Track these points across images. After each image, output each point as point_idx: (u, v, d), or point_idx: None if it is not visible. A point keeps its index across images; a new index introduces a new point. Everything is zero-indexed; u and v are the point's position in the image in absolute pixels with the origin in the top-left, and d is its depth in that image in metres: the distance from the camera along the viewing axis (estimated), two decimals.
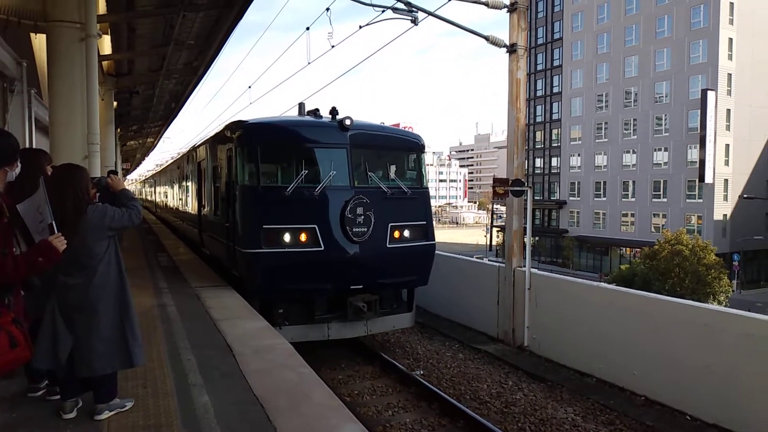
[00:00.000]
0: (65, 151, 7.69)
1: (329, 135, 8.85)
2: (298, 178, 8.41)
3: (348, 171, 8.72)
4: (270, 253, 8.16)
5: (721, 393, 7.17)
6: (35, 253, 3.24)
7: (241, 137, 8.96)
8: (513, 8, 11.58)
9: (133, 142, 42.81)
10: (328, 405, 4.51)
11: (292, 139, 8.93)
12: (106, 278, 3.92)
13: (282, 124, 9.44)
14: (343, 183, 8.63)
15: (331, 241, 8.34)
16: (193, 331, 6.65)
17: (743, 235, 47.95)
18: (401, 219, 9.11)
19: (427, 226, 9.54)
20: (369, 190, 8.73)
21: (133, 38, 14.72)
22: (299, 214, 8.35)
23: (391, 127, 10.09)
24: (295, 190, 8.30)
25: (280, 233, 8.19)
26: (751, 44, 49.34)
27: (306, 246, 8.25)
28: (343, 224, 8.35)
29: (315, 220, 8.33)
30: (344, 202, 8.42)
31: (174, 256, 13.87)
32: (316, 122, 9.16)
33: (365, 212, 8.48)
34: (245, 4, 11.95)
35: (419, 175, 9.89)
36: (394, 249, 8.94)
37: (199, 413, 4.26)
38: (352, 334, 9.15)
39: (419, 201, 9.56)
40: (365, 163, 9.02)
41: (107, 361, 3.92)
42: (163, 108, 27.14)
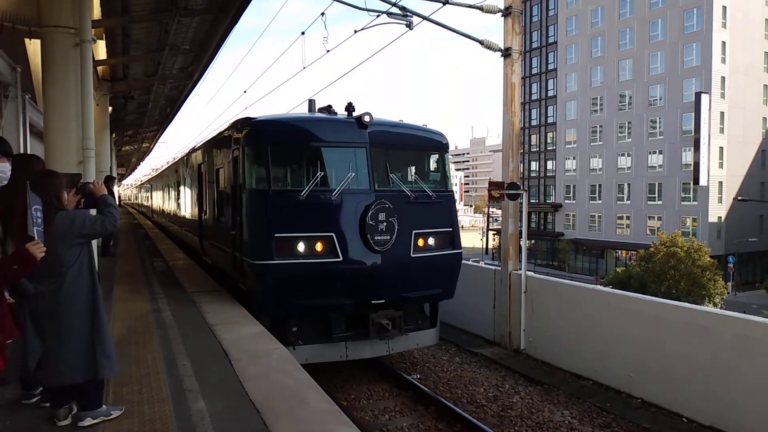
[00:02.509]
0: (60, 157, 7.66)
1: (347, 133, 8.02)
2: (312, 181, 7.61)
3: (368, 172, 7.91)
4: (282, 264, 7.36)
5: (717, 395, 7.18)
6: (11, 260, 3.20)
7: (249, 136, 8.10)
8: (507, 12, 11.63)
9: (128, 147, 42.70)
10: (324, 409, 4.50)
11: (306, 137, 8.03)
12: (76, 287, 3.84)
13: (294, 120, 8.48)
14: (363, 186, 7.85)
15: (350, 251, 7.57)
16: (189, 336, 6.63)
17: (738, 237, 48.13)
18: (426, 225, 8.33)
19: (453, 233, 8.73)
20: (391, 194, 7.94)
21: (128, 43, 14.68)
22: (314, 221, 7.59)
23: (411, 124, 9.24)
24: (310, 194, 7.52)
25: (294, 242, 7.42)
26: (744, 47, 49.65)
27: (322, 256, 7.47)
28: (363, 232, 7.59)
29: (332, 227, 7.58)
30: (364, 207, 7.67)
31: (170, 261, 13.83)
32: (331, 119, 8.35)
33: (388, 218, 7.70)
34: (240, 8, 11.95)
35: (444, 176, 9.08)
36: (418, 259, 8.14)
37: (195, 419, 4.25)
38: (373, 354, 8.36)
39: (444, 205, 8.76)
40: (386, 163, 8.18)
41: (75, 371, 3.85)
42: (158, 113, 27.08)
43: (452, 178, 9.41)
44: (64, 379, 3.85)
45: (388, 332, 7.93)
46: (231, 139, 8.95)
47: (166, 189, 21.68)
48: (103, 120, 17.28)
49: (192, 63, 17.97)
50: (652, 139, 53.22)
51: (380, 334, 7.94)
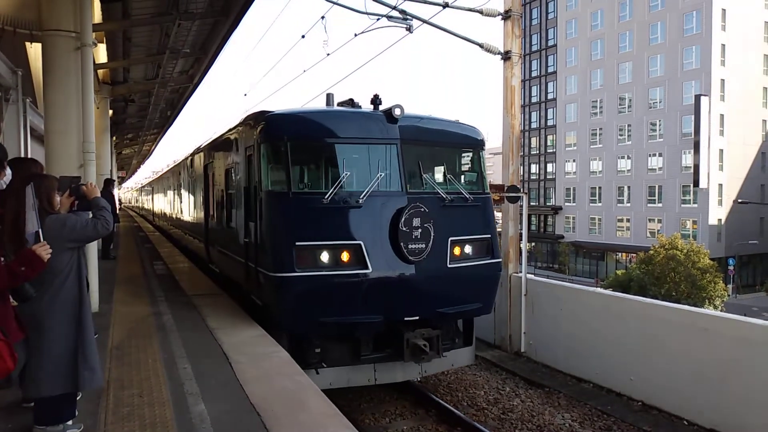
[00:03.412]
0: (61, 160, 7.66)
1: (375, 127, 7.24)
2: (338, 182, 6.82)
3: (399, 172, 7.13)
4: (304, 277, 6.55)
5: (718, 398, 7.18)
6: (18, 262, 3.19)
7: (266, 131, 7.28)
8: (507, 16, 11.65)
9: (129, 150, 42.74)
10: (324, 412, 4.50)
11: (329, 132, 7.20)
12: (62, 294, 3.71)
13: (316, 114, 7.67)
14: (394, 187, 7.08)
15: (380, 262, 6.79)
16: (189, 339, 6.64)
17: (738, 240, 48.12)
18: (462, 232, 7.53)
19: (492, 240, 7.93)
20: (425, 197, 7.16)
21: (129, 47, 14.71)
22: (340, 227, 6.82)
23: (443, 118, 8.40)
24: (335, 196, 6.74)
25: (317, 252, 6.64)
26: (743, 50, 49.71)
27: (349, 268, 6.69)
28: (395, 240, 6.79)
29: (360, 234, 6.79)
30: (396, 211, 6.89)
31: (170, 264, 13.83)
32: (357, 112, 7.62)
33: (423, 224, 6.91)
34: (241, 12, 11.97)
35: (480, 177, 8.21)
36: (455, 270, 7.31)
37: (196, 422, 4.25)
38: (404, 378, 7.58)
39: (482, 209, 7.93)
40: (419, 162, 7.39)
41: (56, 382, 3.70)
42: (158, 116, 27.11)
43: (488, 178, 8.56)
44: (42, 391, 3.70)
45: (426, 354, 7.00)
46: (244, 135, 8.21)
47: (168, 191, 20.84)
48: (103, 123, 17.29)
49: (192, 66, 18.01)
50: (651, 141, 53.25)
51: (416, 356, 7.04)
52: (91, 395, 4.69)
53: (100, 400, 4.65)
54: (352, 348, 7.18)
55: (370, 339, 7.21)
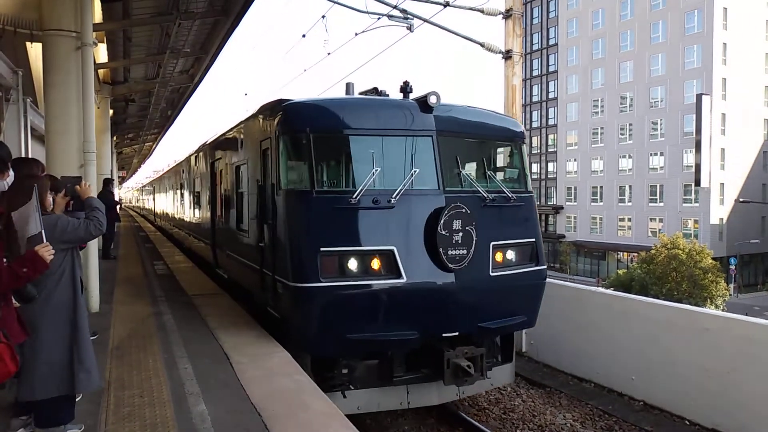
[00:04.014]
0: (61, 160, 7.65)
1: (408, 118, 6.48)
2: (367, 179, 6.01)
3: (436, 168, 6.35)
4: (329, 288, 5.78)
5: (719, 397, 7.16)
6: (21, 263, 3.18)
7: (285, 122, 6.49)
8: (508, 15, 11.64)
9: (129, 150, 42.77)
10: (325, 412, 4.50)
11: (357, 123, 6.39)
12: (56, 296, 3.67)
13: (341, 103, 6.80)
14: (429, 185, 6.31)
15: (416, 270, 6.02)
16: (190, 339, 6.63)
17: (740, 239, 48.07)
18: (505, 235, 6.76)
19: (537, 245, 7.17)
20: (464, 196, 6.40)
21: (129, 46, 14.72)
22: (370, 231, 6.06)
23: (479, 108, 7.64)
24: (365, 195, 5.95)
25: (344, 259, 5.88)
26: (744, 49, 49.65)
27: (380, 277, 5.93)
28: (433, 245, 6.01)
29: (393, 239, 6.01)
30: (433, 212, 6.13)
31: (171, 264, 13.83)
32: (387, 101, 6.89)
33: (464, 227, 6.13)
34: (241, 11, 11.97)
35: (522, 173, 7.46)
36: (498, 279, 6.57)
37: (196, 422, 4.25)
38: (440, 401, 6.82)
39: (525, 210, 7.12)
40: (456, 156, 6.64)
41: (50, 385, 3.66)
42: (159, 116, 27.13)
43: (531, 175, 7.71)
44: (36, 394, 3.65)
45: (470, 376, 6.20)
46: (258, 128, 7.45)
47: (171, 190, 20.02)
48: (104, 123, 17.30)
49: (193, 66, 18.02)
50: (653, 140, 53.21)
51: (458, 379, 6.23)
52: (92, 395, 4.68)
53: (101, 400, 4.65)
54: (384, 367, 6.39)
55: (404, 357, 6.47)
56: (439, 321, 6.24)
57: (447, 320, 6.27)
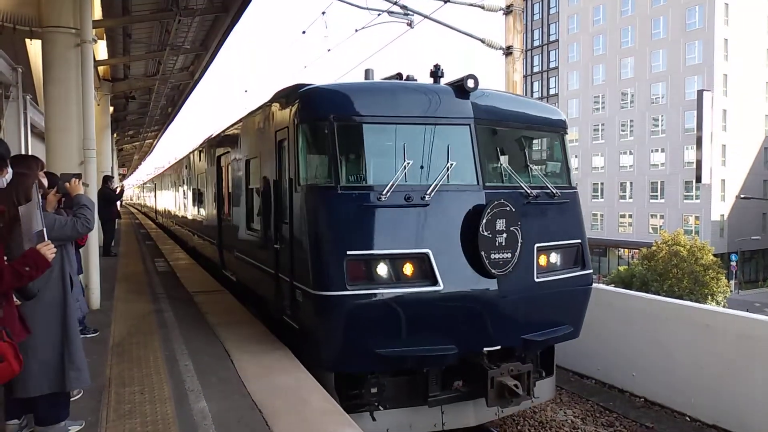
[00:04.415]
0: (61, 157, 7.65)
1: (442, 104, 5.81)
2: (398, 173, 5.39)
3: (474, 161, 5.70)
4: (358, 296, 5.15)
5: (720, 394, 7.16)
6: (23, 262, 3.18)
7: (305, 109, 5.83)
8: (508, 11, 11.60)
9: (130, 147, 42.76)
10: (326, 409, 4.50)
11: (387, 109, 5.69)
12: (45, 295, 3.64)
13: (368, 88, 6.16)
14: (467, 180, 5.68)
15: (453, 276, 5.39)
16: (190, 336, 6.63)
17: (740, 236, 48.05)
18: (549, 236, 6.11)
19: (583, 247, 6.49)
20: (506, 192, 5.77)
21: (129, 43, 14.71)
22: (402, 231, 5.39)
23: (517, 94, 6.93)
24: (395, 191, 5.33)
25: (373, 264, 5.25)
26: (746, 44, 49.54)
27: (414, 284, 5.30)
28: (474, 247, 5.38)
29: (427, 241, 5.38)
30: (472, 211, 5.50)
31: (171, 261, 13.83)
32: (419, 86, 6.19)
33: (509, 227, 5.50)
34: (241, 8, 11.95)
35: (565, 167, 6.79)
36: (544, 285, 5.94)
37: (197, 419, 4.25)
38: (477, 422, 6.14)
39: (570, 207, 6.48)
40: (497, 148, 6.03)
41: (43, 382, 3.66)
42: (159, 113, 27.12)
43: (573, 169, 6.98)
44: (30, 391, 3.66)
45: (517, 397, 5.55)
46: (273, 117, 6.80)
47: (174, 187, 19.32)
48: (104, 120, 17.30)
49: (193, 62, 18.01)
50: (654, 137, 53.15)
51: (504, 400, 5.59)
52: (93, 392, 4.70)
53: (102, 397, 4.66)
54: (417, 385, 5.73)
55: (439, 373, 5.76)
56: (480, 333, 5.60)
57: (488, 332, 5.61)
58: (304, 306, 5.65)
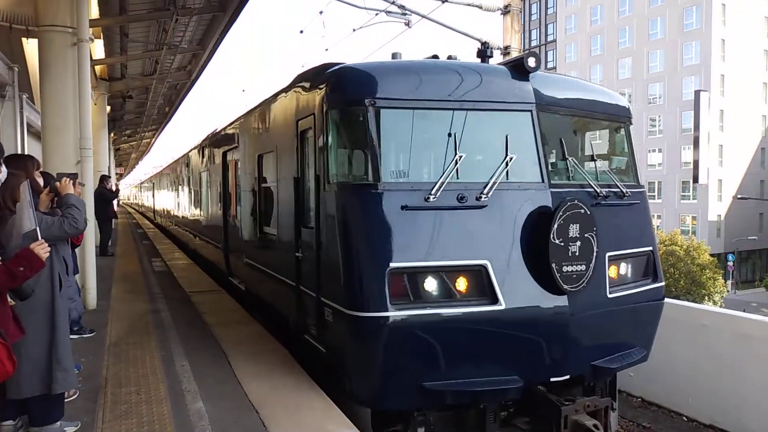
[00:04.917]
0: (57, 157, 7.62)
1: (499, 86, 4.98)
2: (449, 168, 4.59)
3: (537, 154, 4.86)
4: (403, 319, 4.29)
5: (717, 394, 7.17)
6: (17, 262, 3.16)
7: (336, 92, 4.95)
8: (506, 11, 11.62)
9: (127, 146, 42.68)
10: (324, 411, 4.48)
11: (433, 92, 4.79)
12: (34, 295, 3.58)
13: (410, 67, 5.18)
14: (530, 177, 4.84)
15: (517, 292, 4.56)
16: (187, 336, 6.61)
17: (737, 236, 48.17)
18: (620, 243, 5.25)
19: (654, 255, 5.68)
20: (574, 192, 4.95)
21: (126, 42, 14.68)
22: (454, 238, 4.55)
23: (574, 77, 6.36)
24: (446, 190, 4.51)
25: (420, 278, 4.43)
26: (743, 45, 49.67)
27: (470, 302, 4.46)
28: (539, 258, 4.56)
29: (485, 250, 4.56)
30: (537, 214, 4.67)
31: (168, 261, 13.80)
32: (471, 66, 5.29)
33: (583, 234, 4.67)
34: (239, 7, 11.93)
35: (632, 163, 6.02)
36: (617, 301, 5.07)
37: (194, 420, 4.23)
38: None
39: (640, 209, 5.67)
40: (561, 139, 5.19)
41: (36, 382, 3.66)
42: (156, 112, 27.06)
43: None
44: (24, 392, 3.66)
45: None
46: (293, 104, 5.90)
47: (174, 186, 18.45)
48: (101, 119, 17.26)
49: (190, 62, 17.97)
50: (651, 137, 53.26)
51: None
52: (89, 393, 4.68)
53: (98, 397, 4.63)
54: (471, 423, 4.83)
55: (497, 409, 4.86)
56: (546, 360, 4.74)
57: (556, 359, 4.76)
58: (335, 327, 4.77)
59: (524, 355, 4.68)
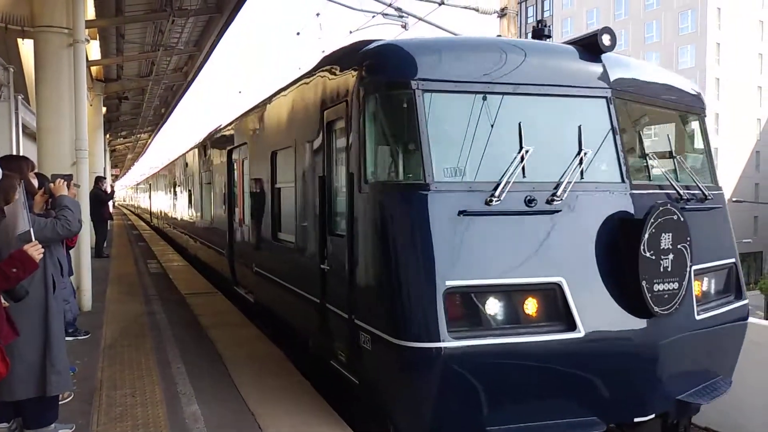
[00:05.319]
0: (53, 158, 7.59)
1: (567, 68, 4.29)
2: (514, 166, 3.87)
3: (616, 149, 4.16)
4: (463, 350, 3.59)
5: None
6: (10, 263, 3.14)
7: (376, 73, 4.21)
8: (503, 14, 11.65)
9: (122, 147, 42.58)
10: (319, 412, 4.47)
11: (493, 74, 4.02)
12: (28, 297, 3.51)
13: (466, 44, 4.49)
14: (609, 177, 4.16)
15: (598, 315, 3.85)
16: (183, 338, 6.60)
17: None
18: (704, 255, 4.50)
19: (737, 268, 5.14)
20: (656, 195, 4.31)
21: (122, 43, 14.65)
22: (520, 251, 3.85)
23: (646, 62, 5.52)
24: (511, 192, 3.81)
25: (481, 300, 3.73)
26: (738, 49, 49.96)
27: (541, 328, 3.77)
28: (627, 274, 3.87)
29: (559, 264, 3.85)
30: (616, 220, 3.98)
31: (164, 262, 13.77)
32: (536, 45, 4.64)
33: (676, 245, 3.98)
34: (235, 8, 11.92)
35: (708, 161, 5.27)
36: (704, 323, 4.41)
37: (189, 422, 4.22)
38: None
39: (720, 214, 5.03)
40: (640, 132, 4.62)
41: (30, 385, 3.64)
42: (152, 113, 27.01)
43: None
44: (16, 394, 3.62)
45: None
46: (318, 92, 5.12)
47: (172, 187, 17.69)
48: (96, 120, 17.21)
49: (186, 63, 17.95)
50: None
51: None
52: (84, 395, 4.66)
53: (93, 400, 4.62)
54: None
55: None
56: (630, 397, 4.02)
57: (641, 395, 4.03)
58: (374, 357, 4.02)
59: (605, 392, 3.96)
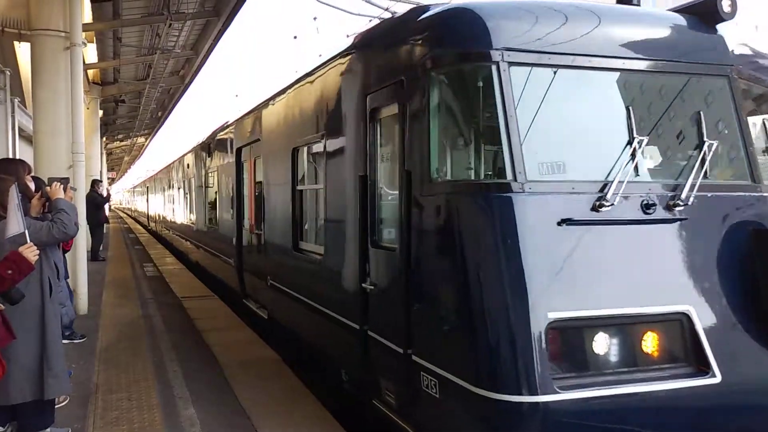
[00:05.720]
0: (49, 161, 7.59)
1: (682, 40, 3.64)
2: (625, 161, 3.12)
3: (742, 140, 3.45)
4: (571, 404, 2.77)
5: None
6: (5, 265, 3.14)
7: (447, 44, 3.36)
8: None
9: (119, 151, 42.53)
10: (316, 415, 4.48)
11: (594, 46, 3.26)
12: (24, 300, 3.51)
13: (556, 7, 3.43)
14: (734, 174, 3.52)
15: (737, 356, 3.05)
16: (179, 342, 6.59)
17: None
18: None
19: None
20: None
21: (119, 47, 14.65)
22: (635, 271, 3.05)
23: None
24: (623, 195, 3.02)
25: (588, 335, 2.90)
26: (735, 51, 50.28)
27: (665, 371, 2.95)
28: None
29: (686, 288, 3.07)
30: (753, 231, 3.22)
31: (160, 266, 13.75)
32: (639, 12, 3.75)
33: None
34: (233, 12, 11.94)
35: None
36: None
37: (185, 426, 4.21)
38: None
39: None
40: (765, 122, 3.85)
41: (26, 389, 3.61)
42: (149, 117, 27.01)
43: None
44: (12, 398, 3.59)
45: None
46: (362, 72, 4.26)
47: (172, 190, 16.87)
48: (93, 124, 17.20)
49: (183, 67, 17.97)
50: None
51: None
52: (80, 399, 4.64)
53: (89, 403, 4.60)
54: None
55: None
56: None
57: None
58: (443, 406, 3.17)
59: None
